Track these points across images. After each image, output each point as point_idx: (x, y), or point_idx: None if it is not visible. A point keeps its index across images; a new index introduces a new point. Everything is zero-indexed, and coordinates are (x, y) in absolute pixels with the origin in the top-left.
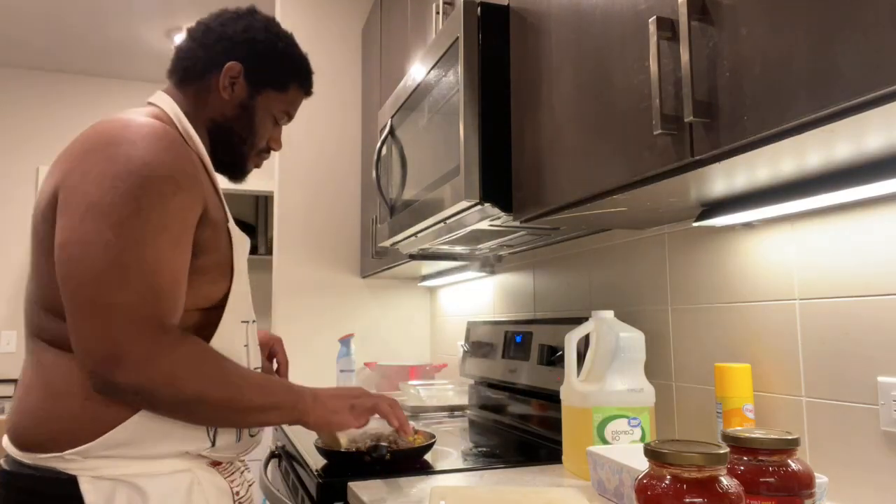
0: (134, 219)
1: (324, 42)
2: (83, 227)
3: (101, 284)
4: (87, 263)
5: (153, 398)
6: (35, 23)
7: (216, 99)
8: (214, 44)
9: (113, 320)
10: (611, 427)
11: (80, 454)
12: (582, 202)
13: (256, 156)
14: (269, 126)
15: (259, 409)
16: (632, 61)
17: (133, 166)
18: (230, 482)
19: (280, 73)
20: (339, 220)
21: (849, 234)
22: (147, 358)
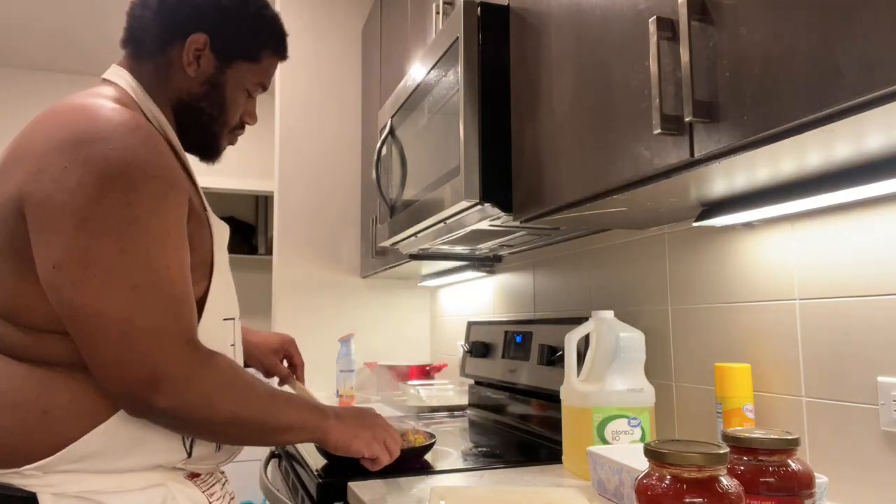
0: (133, 229)
1: (324, 42)
2: (78, 244)
3: (121, 308)
4: (97, 285)
5: (189, 421)
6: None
7: (180, 75)
8: (173, 11)
9: (143, 344)
10: (611, 427)
11: (39, 469)
12: (582, 202)
13: (230, 133)
14: (242, 100)
15: (286, 429)
16: (632, 61)
17: (116, 169)
18: (209, 495)
19: (251, 41)
20: (339, 220)
21: (849, 234)
22: (185, 380)
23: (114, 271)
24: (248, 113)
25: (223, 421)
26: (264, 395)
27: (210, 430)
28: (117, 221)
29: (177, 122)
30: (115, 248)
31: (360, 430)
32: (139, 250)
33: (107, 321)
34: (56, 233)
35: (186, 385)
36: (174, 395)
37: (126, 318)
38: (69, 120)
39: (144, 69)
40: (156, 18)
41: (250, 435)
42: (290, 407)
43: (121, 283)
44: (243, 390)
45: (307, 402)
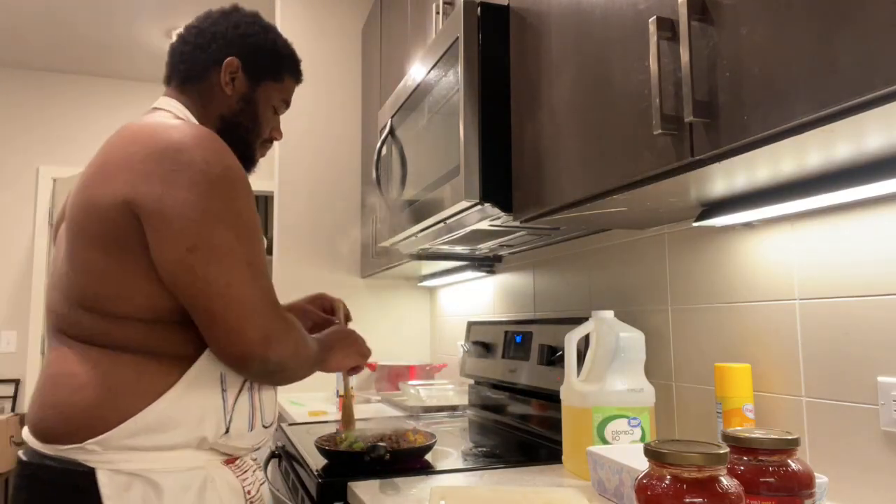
0: (239, 220)
1: (324, 42)
2: (204, 232)
3: (244, 282)
4: (227, 264)
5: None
6: (35, 23)
7: (220, 95)
8: (210, 43)
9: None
10: (611, 427)
11: (99, 444)
12: (582, 202)
13: (261, 146)
14: (270, 115)
15: (319, 362)
16: (632, 61)
17: (216, 171)
18: (242, 481)
19: (274, 63)
20: (339, 220)
21: (849, 234)
22: (285, 337)
23: (234, 253)
24: (275, 129)
25: (301, 363)
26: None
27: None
28: (228, 214)
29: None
30: (232, 234)
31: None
32: (247, 237)
33: (235, 292)
34: (183, 223)
35: (287, 340)
36: (281, 349)
37: (247, 292)
38: (158, 133)
39: (189, 96)
40: (196, 51)
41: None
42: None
43: (240, 263)
44: (306, 339)
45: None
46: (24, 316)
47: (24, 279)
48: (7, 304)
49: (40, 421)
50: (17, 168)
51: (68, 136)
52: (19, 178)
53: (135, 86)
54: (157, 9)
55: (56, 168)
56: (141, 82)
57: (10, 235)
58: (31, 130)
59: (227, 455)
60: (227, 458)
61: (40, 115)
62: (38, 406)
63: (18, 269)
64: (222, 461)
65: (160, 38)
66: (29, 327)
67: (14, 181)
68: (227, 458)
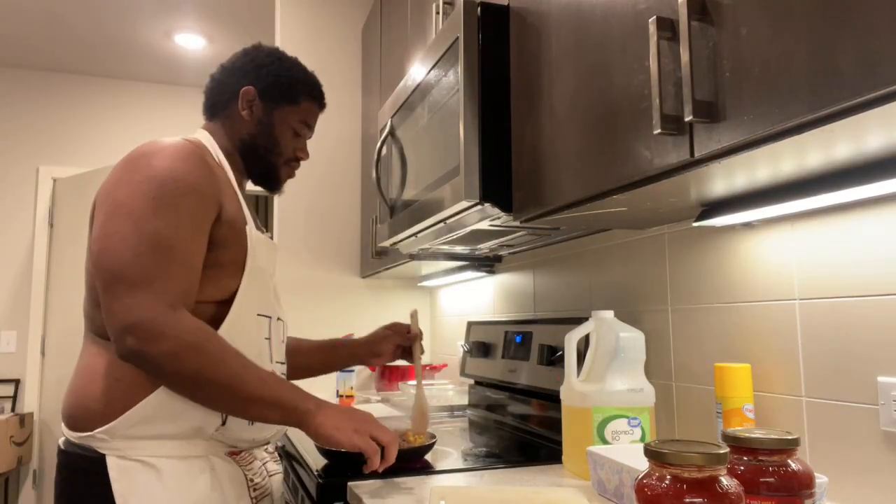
0: (151, 215)
1: (324, 42)
2: (109, 224)
3: (122, 268)
4: (110, 252)
5: (158, 368)
6: (35, 23)
7: (240, 121)
8: (229, 77)
9: (129, 298)
10: (611, 427)
11: (106, 433)
12: (582, 202)
13: (286, 165)
14: (290, 137)
15: (258, 401)
16: (632, 61)
17: (152, 172)
18: (246, 471)
19: (289, 88)
20: (339, 220)
21: (849, 234)
22: (154, 331)
23: (124, 240)
24: (299, 149)
25: (189, 376)
26: (236, 363)
27: (179, 382)
28: (140, 208)
29: (242, 160)
30: (132, 225)
31: (344, 422)
32: (148, 228)
33: (109, 278)
34: (100, 216)
35: (155, 335)
36: (145, 341)
37: (122, 276)
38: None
39: (216, 124)
40: (220, 86)
41: (219, 398)
42: (266, 382)
43: (125, 246)
44: (213, 353)
45: (289, 384)
46: (24, 316)
47: (24, 279)
48: (7, 304)
49: (65, 409)
50: (17, 168)
51: (68, 136)
52: (19, 178)
53: (135, 86)
54: (157, 9)
55: (56, 168)
56: (141, 82)
57: (10, 235)
58: (31, 130)
59: (231, 447)
60: (230, 449)
61: (40, 115)
62: (66, 395)
63: (18, 269)
64: (226, 452)
65: (160, 38)
66: (29, 327)
67: (14, 181)
68: (231, 449)
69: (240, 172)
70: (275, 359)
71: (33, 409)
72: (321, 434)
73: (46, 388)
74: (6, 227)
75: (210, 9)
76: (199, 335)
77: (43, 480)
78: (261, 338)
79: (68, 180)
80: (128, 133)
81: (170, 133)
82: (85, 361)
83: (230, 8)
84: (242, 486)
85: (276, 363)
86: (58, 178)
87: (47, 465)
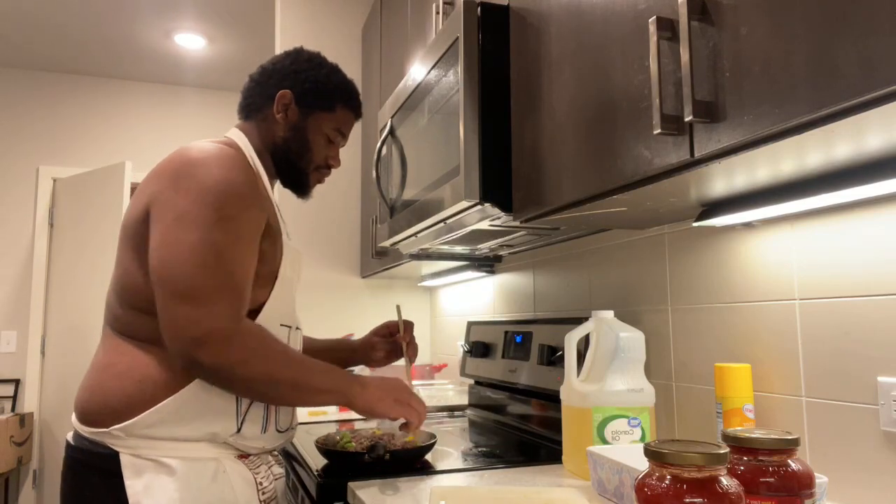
0: (214, 227)
1: (324, 42)
2: (173, 234)
3: (189, 280)
4: (178, 262)
5: (231, 376)
6: (35, 23)
7: (274, 124)
8: (268, 79)
9: (198, 309)
10: (611, 427)
11: (123, 430)
12: (582, 202)
13: (316, 171)
14: (323, 144)
15: (318, 391)
16: (632, 61)
17: (213, 183)
18: (255, 474)
19: (326, 95)
20: (339, 220)
21: (849, 234)
22: (224, 341)
23: (192, 252)
24: (331, 157)
25: (260, 379)
26: (297, 361)
27: (249, 387)
28: (203, 219)
29: (274, 164)
30: (196, 236)
31: (384, 394)
32: (214, 242)
33: (177, 285)
34: (161, 223)
35: (227, 345)
36: (215, 352)
37: (192, 285)
38: (187, 151)
39: (252, 126)
40: (257, 87)
41: (287, 394)
42: (321, 373)
43: (195, 260)
44: (277, 354)
45: (337, 369)
46: (24, 316)
47: (24, 279)
48: (7, 304)
49: (80, 403)
50: (17, 168)
51: (68, 136)
52: (19, 178)
53: (135, 86)
54: (157, 9)
55: (56, 168)
56: (141, 82)
57: (10, 235)
58: (31, 130)
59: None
60: (240, 453)
61: (40, 115)
62: (81, 390)
63: (18, 270)
64: (236, 455)
65: (160, 38)
66: (29, 327)
67: (14, 181)
68: (241, 453)
69: (271, 175)
70: None
71: (33, 409)
72: (366, 409)
73: (46, 388)
74: (6, 227)
75: (210, 9)
76: (263, 339)
77: (43, 480)
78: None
79: (68, 180)
80: (128, 133)
81: (170, 133)
82: (106, 358)
83: (230, 8)
84: (252, 488)
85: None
86: (58, 178)
87: (47, 465)
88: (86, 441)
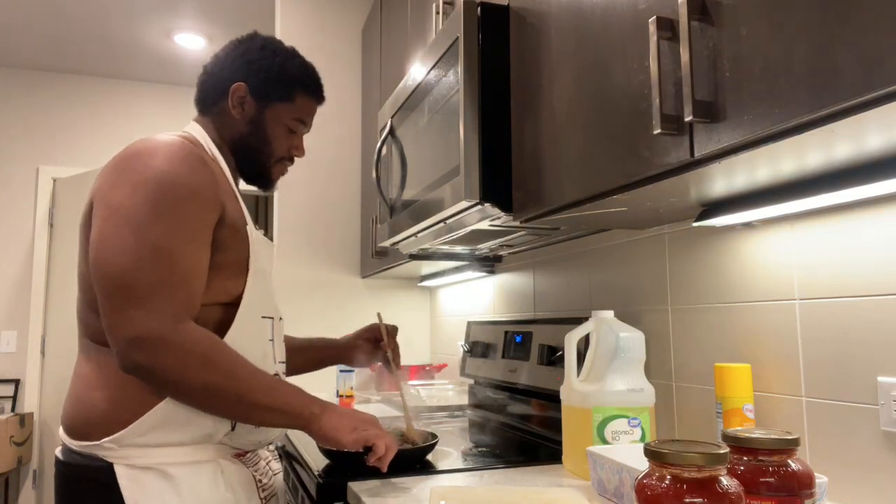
0: (151, 221)
1: (324, 42)
2: (107, 229)
3: (123, 278)
4: (109, 261)
5: (165, 381)
6: (35, 22)
7: (231, 119)
8: (220, 71)
9: (132, 310)
10: (611, 427)
11: (114, 442)
12: (582, 202)
13: (278, 163)
14: (284, 135)
15: (265, 408)
16: (632, 61)
17: (151, 174)
18: (254, 472)
19: (283, 84)
20: (339, 220)
21: (849, 234)
22: (159, 342)
23: (124, 248)
24: (295, 147)
25: (197, 387)
26: (245, 372)
27: (187, 394)
28: (137, 214)
29: (235, 159)
30: (130, 231)
31: (342, 424)
32: (151, 235)
33: (111, 288)
34: (97, 220)
35: (162, 347)
36: (150, 354)
37: (125, 286)
38: (136, 145)
39: (208, 120)
40: (210, 79)
41: (228, 407)
42: (273, 389)
43: (127, 256)
44: (221, 363)
45: (295, 389)
46: (24, 316)
47: (24, 279)
48: (7, 304)
49: (66, 417)
50: (17, 168)
51: (68, 136)
52: (19, 178)
53: (135, 86)
54: (157, 9)
55: (56, 168)
56: (141, 83)
57: (10, 235)
58: (31, 130)
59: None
60: (237, 451)
61: (40, 115)
62: (66, 403)
63: (18, 269)
64: (233, 454)
65: (160, 38)
66: (29, 327)
67: (14, 181)
68: (238, 451)
69: (233, 169)
70: (278, 359)
71: (33, 409)
72: (321, 436)
73: (46, 388)
74: (6, 228)
75: (210, 9)
76: (205, 346)
77: (43, 480)
78: (265, 340)
79: (68, 180)
80: (128, 133)
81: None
82: (84, 369)
83: (230, 8)
84: (252, 486)
85: (278, 363)
86: (58, 178)
87: (47, 465)
88: (76, 455)
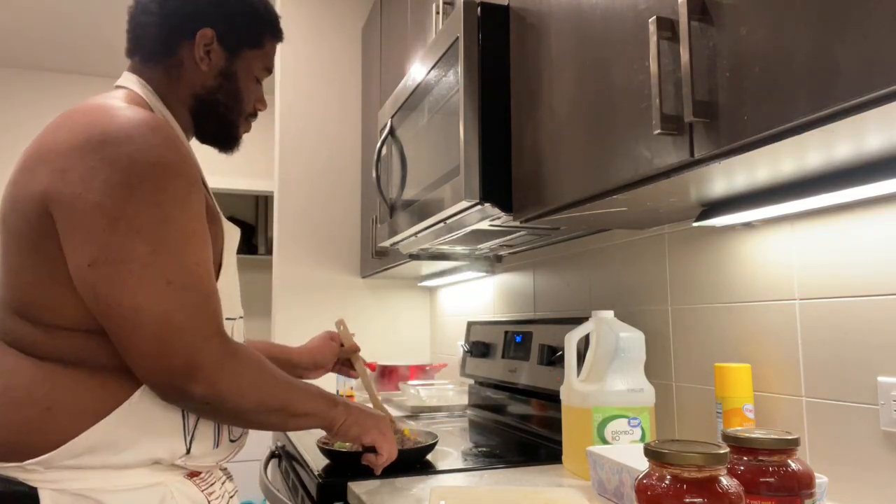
0: (163, 228)
1: (324, 42)
2: (112, 243)
3: (159, 303)
4: (133, 282)
5: (221, 408)
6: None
7: (193, 72)
8: (176, 13)
9: (181, 337)
10: (611, 427)
11: (40, 464)
12: (582, 202)
13: (245, 121)
14: (253, 87)
15: (303, 415)
16: (632, 61)
17: (142, 169)
18: (207, 494)
19: (253, 29)
20: (339, 220)
21: (849, 234)
22: (218, 370)
23: (148, 269)
24: (259, 99)
25: (251, 408)
26: (285, 385)
27: (238, 417)
28: (147, 221)
29: (193, 119)
30: (147, 247)
31: (367, 424)
32: (170, 248)
33: (145, 316)
34: (89, 232)
35: (220, 375)
36: (208, 384)
37: (164, 311)
38: (91, 120)
39: (153, 72)
40: (160, 22)
41: (274, 420)
42: (306, 395)
43: (156, 279)
44: (269, 380)
45: (321, 391)
46: None
47: None
48: None
49: None
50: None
51: None
52: None
53: None
54: None
55: None
56: None
57: None
58: (31, 130)
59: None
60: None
61: (40, 115)
62: None
63: None
64: (185, 475)
65: None
66: None
67: None
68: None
69: (186, 131)
70: None
71: None
72: (344, 432)
73: None
74: None
75: None
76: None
77: None
78: None
79: None
80: None
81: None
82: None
83: None
84: None
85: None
86: None
87: None
88: None
